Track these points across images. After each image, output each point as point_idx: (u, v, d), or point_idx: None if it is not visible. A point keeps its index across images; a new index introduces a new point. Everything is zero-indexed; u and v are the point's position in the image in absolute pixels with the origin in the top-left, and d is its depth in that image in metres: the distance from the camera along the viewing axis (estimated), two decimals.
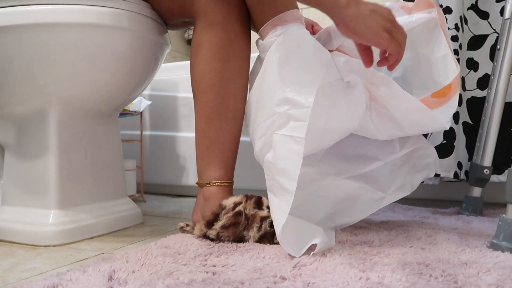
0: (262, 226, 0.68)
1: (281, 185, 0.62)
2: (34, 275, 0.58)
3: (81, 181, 0.85)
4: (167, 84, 1.46)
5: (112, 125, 0.94)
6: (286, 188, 0.61)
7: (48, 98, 0.79)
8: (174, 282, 0.48)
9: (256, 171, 1.28)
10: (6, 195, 0.85)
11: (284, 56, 0.68)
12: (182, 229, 0.78)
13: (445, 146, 1.00)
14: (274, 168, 0.64)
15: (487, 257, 0.58)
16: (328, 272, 0.52)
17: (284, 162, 0.62)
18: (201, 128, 0.77)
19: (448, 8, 1.00)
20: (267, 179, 0.67)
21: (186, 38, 2.13)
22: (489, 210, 1.02)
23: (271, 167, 0.65)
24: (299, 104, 0.63)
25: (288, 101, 0.64)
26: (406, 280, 0.48)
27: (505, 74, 0.93)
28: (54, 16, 0.72)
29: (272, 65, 0.69)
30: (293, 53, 0.68)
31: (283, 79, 0.66)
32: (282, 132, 0.64)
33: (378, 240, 0.69)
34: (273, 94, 0.66)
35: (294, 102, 0.63)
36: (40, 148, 0.81)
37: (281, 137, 0.64)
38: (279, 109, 0.64)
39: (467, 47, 1.06)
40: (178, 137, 1.44)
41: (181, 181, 1.44)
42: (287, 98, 0.64)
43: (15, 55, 0.74)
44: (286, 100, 0.64)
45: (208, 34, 0.75)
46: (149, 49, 0.85)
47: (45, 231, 0.77)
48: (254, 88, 0.73)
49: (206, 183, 0.76)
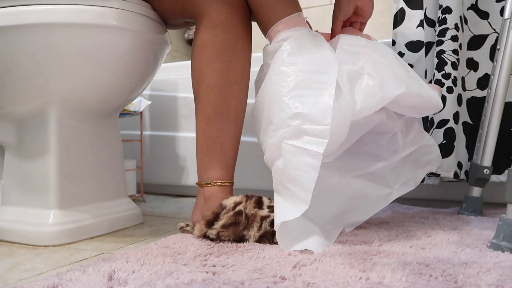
0: (262, 226, 0.68)
1: (294, 193, 0.64)
2: (34, 275, 0.58)
3: (81, 181, 0.85)
4: (167, 84, 1.46)
5: (112, 125, 0.94)
6: (300, 197, 0.62)
7: (48, 98, 0.79)
8: (174, 282, 0.48)
9: (256, 171, 1.28)
10: (6, 195, 0.85)
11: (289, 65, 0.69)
12: (182, 229, 0.78)
13: (445, 146, 1.00)
14: (285, 175, 0.65)
15: (487, 257, 0.58)
16: (328, 272, 0.52)
17: (295, 172, 0.63)
18: (202, 129, 0.77)
19: (448, 8, 1.00)
20: (275, 183, 0.68)
21: (186, 38, 2.13)
22: (489, 210, 1.02)
23: (281, 174, 0.66)
24: (314, 121, 0.63)
25: (301, 116, 0.64)
26: (406, 280, 0.48)
27: (505, 74, 0.93)
28: (54, 16, 0.72)
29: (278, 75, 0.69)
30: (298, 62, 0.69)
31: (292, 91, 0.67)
32: (293, 143, 0.64)
33: (378, 240, 0.69)
34: (284, 106, 0.66)
35: (308, 118, 0.64)
36: (40, 148, 0.81)
37: (292, 148, 0.64)
38: (292, 123, 0.65)
39: (467, 47, 1.06)
40: (178, 137, 1.44)
41: (181, 181, 1.44)
42: (301, 114, 0.64)
43: (15, 55, 0.74)
44: (300, 115, 0.65)
45: (210, 34, 0.75)
46: (149, 49, 0.85)
47: (45, 231, 0.77)
48: (261, 96, 0.73)
49: (207, 183, 0.76)
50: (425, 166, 0.82)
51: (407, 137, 0.80)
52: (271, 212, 0.69)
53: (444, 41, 0.99)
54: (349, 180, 0.78)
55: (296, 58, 0.69)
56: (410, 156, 0.81)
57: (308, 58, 0.69)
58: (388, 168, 0.79)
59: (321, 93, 0.65)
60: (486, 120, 0.95)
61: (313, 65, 0.68)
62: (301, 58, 0.69)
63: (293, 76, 0.67)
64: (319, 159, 0.61)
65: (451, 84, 1.00)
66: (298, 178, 0.63)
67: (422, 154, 0.81)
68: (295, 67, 0.68)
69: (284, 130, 0.66)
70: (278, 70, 0.69)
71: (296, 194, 0.63)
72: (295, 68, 0.68)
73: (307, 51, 0.70)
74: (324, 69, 0.67)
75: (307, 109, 0.64)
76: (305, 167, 0.62)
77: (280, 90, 0.67)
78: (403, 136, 0.79)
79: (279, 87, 0.68)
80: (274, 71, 0.70)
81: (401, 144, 0.79)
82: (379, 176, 0.79)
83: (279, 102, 0.67)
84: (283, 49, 0.70)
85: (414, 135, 0.81)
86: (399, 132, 0.78)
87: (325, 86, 0.65)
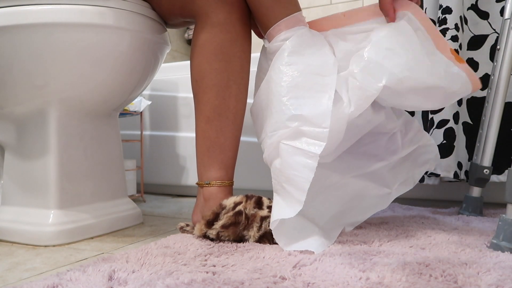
0: (262, 226, 0.68)
1: (289, 192, 0.64)
2: (34, 275, 0.58)
3: (81, 181, 0.85)
4: (167, 84, 1.46)
5: (112, 125, 0.94)
6: (295, 197, 0.63)
7: (48, 98, 0.79)
8: (174, 282, 0.48)
9: (256, 171, 1.28)
10: (6, 195, 0.85)
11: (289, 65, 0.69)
12: (182, 229, 0.78)
13: (445, 146, 1.00)
14: (281, 175, 0.65)
15: (487, 257, 0.58)
16: (328, 272, 0.52)
17: (291, 172, 0.63)
18: (201, 129, 0.77)
19: (448, 8, 1.00)
20: (274, 183, 0.69)
21: (186, 38, 2.13)
22: (489, 210, 1.02)
23: (278, 173, 0.66)
24: (313, 123, 0.64)
25: (300, 117, 0.65)
26: (406, 280, 0.48)
27: (505, 74, 0.93)
28: (54, 16, 0.72)
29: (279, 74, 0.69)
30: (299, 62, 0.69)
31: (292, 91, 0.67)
32: (291, 143, 0.65)
33: (378, 240, 0.69)
34: (283, 107, 0.66)
35: (307, 120, 0.64)
36: (40, 148, 0.81)
37: (289, 148, 0.65)
38: (291, 124, 0.65)
39: (467, 47, 1.06)
40: (178, 137, 1.44)
41: (181, 181, 1.44)
42: (300, 115, 0.65)
43: (15, 55, 0.74)
44: (299, 117, 0.65)
45: (209, 34, 0.75)
46: (149, 49, 0.85)
47: (45, 231, 0.77)
48: (261, 96, 0.73)
49: (206, 184, 0.76)
50: (423, 165, 0.82)
51: (406, 137, 0.80)
52: (271, 212, 0.69)
53: None
54: (348, 180, 0.78)
55: (296, 58, 0.69)
56: (408, 155, 0.81)
57: (309, 59, 0.69)
58: (387, 168, 0.80)
59: (320, 96, 0.65)
60: (486, 120, 0.95)
61: (313, 66, 0.68)
62: (302, 58, 0.69)
63: (293, 76, 0.68)
64: (316, 160, 0.62)
65: None
66: (293, 178, 0.63)
67: (421, 153, 0.82)
68: (295, 67, 0.68)
69: (283, 131, 0.66)
70: (278, 70, 0.69)
71: (292, 194, 0.63)
72: (295, 68, 0.68)
73: (307, 52, 0.70)
74: (324, 71, 0.68)
75: (306, 111, 0.65)
76: (301, 167, 0.63)
77: (279, 89, 0.68)
78: (402, 136, 0.79)
79: (279, 86, 0.68)
80: (275, 70, 0.70)
81: (401, 144, 0.79)
82: (378, 176, 0.79)
83: (278, 102, 0.67)
84: (284, 48, 0.70)
85: (414, 135, 0.81)
86: (398, 132, 0.78)
87: (324, 89, 0.66)
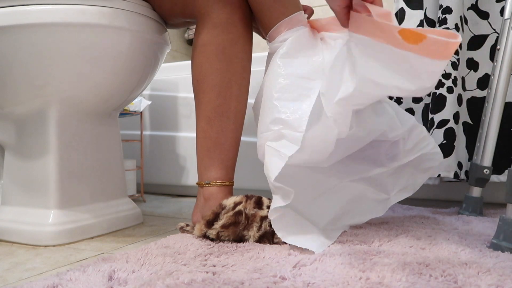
0: (262, 226, 0.68)
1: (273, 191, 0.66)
2: (34, 275, 0.58)
3: (81, 181, 0.85)
4: (167, 84, 1.46)
5: (112, 125, 0.94)
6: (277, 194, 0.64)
7: (48, 98, 0.79)
8: (174, 282, 0.48)
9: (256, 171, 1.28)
10: (6, 195, 0.85)
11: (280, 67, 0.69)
12: (182, 229, 0.78)
13: (445, 146, 0.99)
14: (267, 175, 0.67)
15: (487, 257, 0.58)
16: (328, 272, 0.52)
17: (267, 171, 0.65)
18: (202, 129, 0.77)
19: (448, 8, 1.00)
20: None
21: (186, 38, 2.13)
22: (489, 210, 1.02)
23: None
24: (292, 127, 0.65)
25: (282, 121, 0.66)
26: (406, 280, 0.48)
27: (505, 74, 0.93)
28: (53, 16, 0.72)
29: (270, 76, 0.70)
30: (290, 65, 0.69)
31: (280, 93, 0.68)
32: (273, 145, 0.66)
33: (378, 240, 0.69)
34: (269, 110, 0.68)
35: (287, 124, 0.65)
36: (40, 148, 0.81)
37: (271, 149, 0.66)
38: (273, 127, 0.67)
39: (467, 47, 1.06)
40: (178, 137, 1.44)
41: (181, 181, 1.44)
42: (281, 119, 0.66)
43: (15, 55, 0.74)
44: (280, 120, 0.66)
45: (210, 34, 0.75)
46: (149, 49, 0.85)
47: (45, 231, 0.77)
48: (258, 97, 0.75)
49: (207, 183, 0.76)
50: (425, 172, 0.80)
51: (408, 144, 0.78)
52: None
53: None
54: (347, 183, 0.78)
55: (288, 60, 0.70)
56: (410, 162, 0.79)
57: (300, 62, 0.70)
58: (386, 174, 0.79)
59: (303, 100, 0.66)
60: (486, 120, 0.95)
61: (303, 69, 0.69)
62: (295, 61, 0.70)
63: (282, 78, 0.68)
64: (284, 160, 0.62)
65: (451, 84, 1.00)
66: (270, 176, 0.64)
67: (424, 160, 0.79)
68: (285, 70, 0.69)
69: (268, 133, 0.67)
70: (270, 71, 0.71)
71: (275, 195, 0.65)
72: (285, 71, 0.69)
73: (301, 54, 0.70)
74: (313, 75, 0.68)
75: (287, 114, 0.66)
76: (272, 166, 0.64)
77: (271, 91, 0.69)
78: (404, 143, 0.77)
79: (269, 88, 0.69)
80: (268, 71, 0.71)
81: (402, 151, 0.77)
82: (377, 181, 0.79)
83: (269, 104, 0.68)
84: (279, 50, 0.71)
85: (417, 142, 0.78)
86: (400, 140, 0.77)
87: (309, 93, 0.66)
